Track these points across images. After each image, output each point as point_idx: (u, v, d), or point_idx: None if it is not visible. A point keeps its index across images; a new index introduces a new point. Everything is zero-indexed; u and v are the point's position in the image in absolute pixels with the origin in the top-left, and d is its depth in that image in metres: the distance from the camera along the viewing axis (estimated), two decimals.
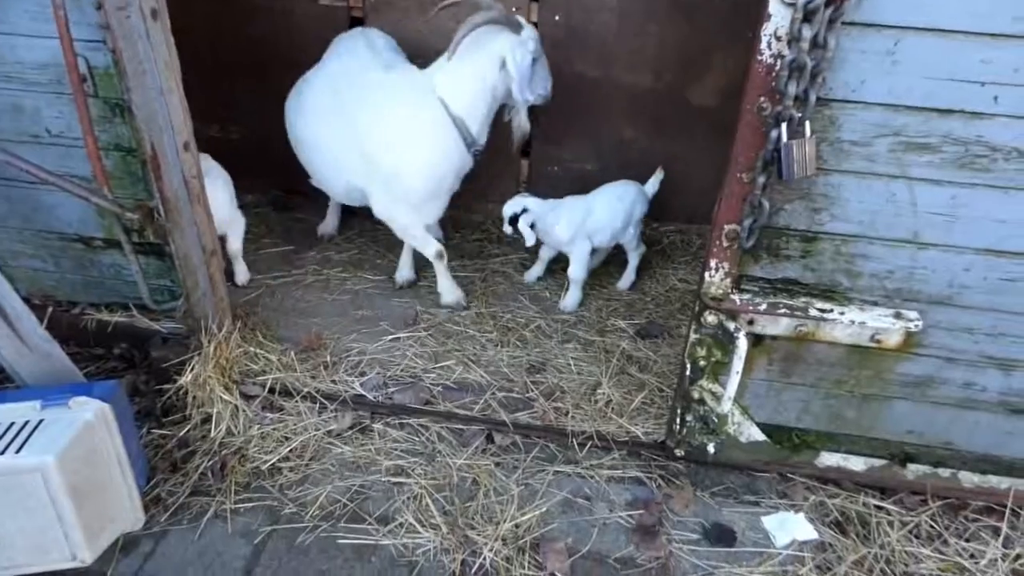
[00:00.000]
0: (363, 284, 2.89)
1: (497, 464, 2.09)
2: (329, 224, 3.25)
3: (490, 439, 2.18)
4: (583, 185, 3.08)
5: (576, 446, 2.14)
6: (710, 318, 1.81)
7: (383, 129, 2.43)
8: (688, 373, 1.94)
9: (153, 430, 2.13)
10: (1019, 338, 1.74)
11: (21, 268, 2.35)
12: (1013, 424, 1.88)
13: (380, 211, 2.60)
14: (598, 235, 2.76)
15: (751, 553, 1.87)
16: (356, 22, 3.05)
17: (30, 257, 2.34)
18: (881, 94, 1.48)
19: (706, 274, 1.76)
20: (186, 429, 2.12)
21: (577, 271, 2.73)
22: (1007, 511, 1.95)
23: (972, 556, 1.86)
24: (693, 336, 1.88)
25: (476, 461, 2.09)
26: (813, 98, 1.43)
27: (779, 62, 1.46)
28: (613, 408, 2.22)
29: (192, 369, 2.17)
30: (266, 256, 3.04)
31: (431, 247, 2.67)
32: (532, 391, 2.29)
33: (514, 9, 2.92)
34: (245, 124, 3.39)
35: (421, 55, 2.70)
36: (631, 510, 1.97)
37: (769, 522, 1.96)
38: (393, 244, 3.18)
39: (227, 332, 2.26)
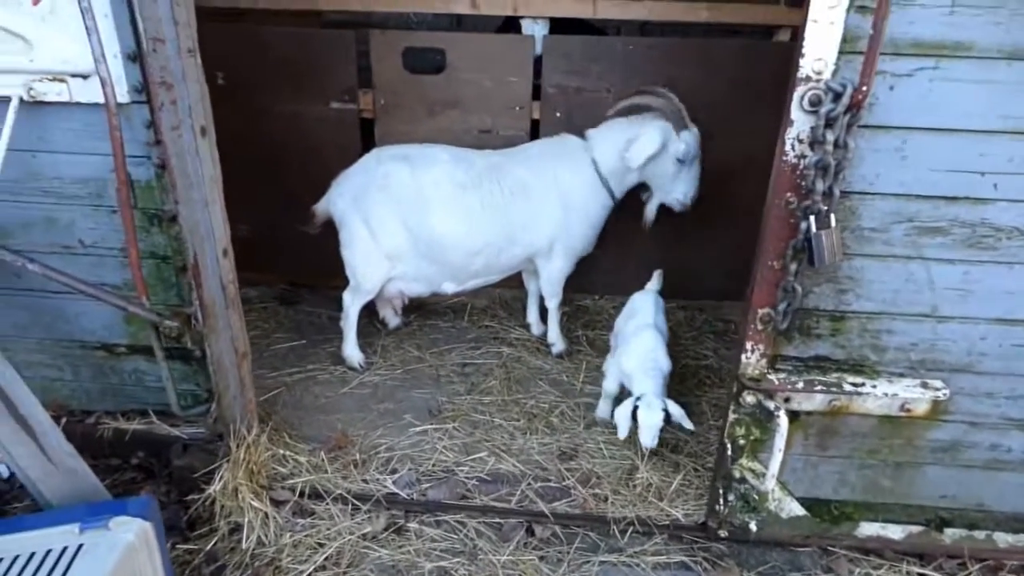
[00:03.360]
0: (379, 376, 2.87)
1: (541, 558, 2.05)
2: (393, 315, 3.23)
3: (530, 531, 2.14)
4: (588, 276, 3.19)
5: (617, 533, 2.12)
6: (749, 398, 1.87)
7: (555, 191, 2.72)
8: (729, 452, 1.97)
9: (178, 545, 2.03)
10: None
11: (34, 379, 2.28)
12: None
13: (552, 270, 2.88)
14: None
15: None
16: (366, 124, 3.19)
17: (46, 367, 2.28)
18: (894, 186, 1.65)
19: (743, 356, 1.83)
20: (213, 542, 2.03)
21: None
22: None
23: None
24: (732, 416, 1.93)
25: (519, 556, 2.04)
26: (837, 192, 1.57)
27: (802, 161, 1.61)
28: (653, 491, 2.22)
29: (221, 477, 2.10)
30: (279, 352, 3.01)
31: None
32: (568, 479, 2.28)
33: (517, 108, 3.12)
34: (253, 222, 3.43)
35: None
36: None
37: None
38: (405, 336, 3.20)
39: (256, 435, 2.21)
